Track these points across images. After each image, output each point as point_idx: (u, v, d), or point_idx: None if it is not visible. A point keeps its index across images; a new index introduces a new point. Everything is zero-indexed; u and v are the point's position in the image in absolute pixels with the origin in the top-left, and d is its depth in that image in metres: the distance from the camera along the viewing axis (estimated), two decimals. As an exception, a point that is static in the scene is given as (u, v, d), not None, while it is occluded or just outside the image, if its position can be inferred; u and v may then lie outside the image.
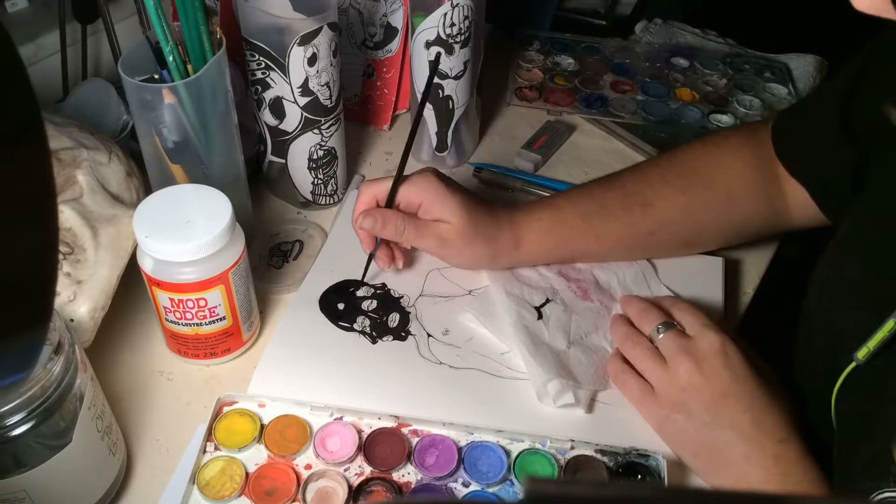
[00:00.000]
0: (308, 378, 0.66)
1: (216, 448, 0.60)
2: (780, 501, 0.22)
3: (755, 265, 0.79)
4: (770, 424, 0.57)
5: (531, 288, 0.72)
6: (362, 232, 0.71)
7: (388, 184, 0.70)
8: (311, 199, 0.82)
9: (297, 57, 0.71)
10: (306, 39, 0.71)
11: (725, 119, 0.95)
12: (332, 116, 0.77)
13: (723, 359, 0.60)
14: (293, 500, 0.58)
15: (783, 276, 0.81)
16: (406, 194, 0.70)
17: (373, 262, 0.73)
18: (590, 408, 0.65)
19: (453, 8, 0.76)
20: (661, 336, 0.63)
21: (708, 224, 0.74)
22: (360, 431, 0.61)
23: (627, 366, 0.65)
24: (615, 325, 0.68)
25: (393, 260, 0.73)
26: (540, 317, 0.70)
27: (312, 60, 0.72)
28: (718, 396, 0.59)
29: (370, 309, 0.72)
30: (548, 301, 0.72)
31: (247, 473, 0.59)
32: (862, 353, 0.54)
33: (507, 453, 0.60)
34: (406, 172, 0.91)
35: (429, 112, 0.84)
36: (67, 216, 0.64)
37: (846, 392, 0.56)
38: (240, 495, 0.58)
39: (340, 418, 0.62)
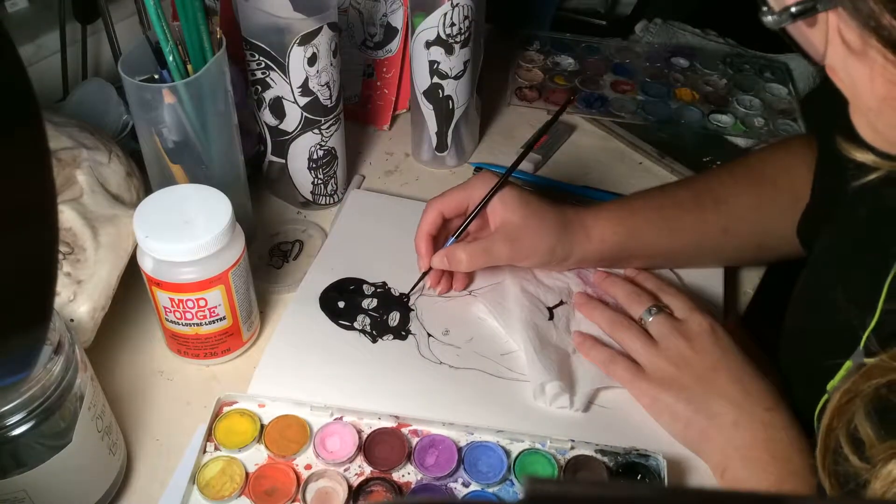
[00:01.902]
0: (308, 378, 0.66)
1: (216, 448, 0.60)
2: (780, 501, 0.22)
3: (755, 265, 0.79)
4: (758, 394, 0.60)
5: (547, 287, 0.72)
6: (422, 250, 0.71)
7: (455, 200, 0.70)
8: (311, 199, 0.82)
9: (297, 57, 0.71)
10: (306, 39, 0.71)
11: (725, 119, 0.95)
12: (332, 116, 0.77)
13: (713, 337, 0.63)
14: (293, 500, 0.58)
15: (783, 276, 0.81)
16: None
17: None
18: (589, 408, 0.65)
19: (453, 8, 0.76)
20: (651, 318, 0.66)
21: (778, 226, 0.72)
22: (359, 431, 0.61)
23: (614, 351, 0.66)
24: (597, 311, 0.69)
25: (440, 282, 0.72)
26: (551, 317, 0.70)
27: (312, 60, 0.72)
28: (709, 369, 0.62)
29: (370, 307, 0.72)
30: (561, 303, 0.72)
31: (247, 473, 0.59)
32: (831, 385, 0.54)
33: (507, 453, 0.60)
34: (409, 172, 0.91)
35: (429, 112, 0.84)
36: (67, 216, 0.64)
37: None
38: (240, 495, 0.58)
39: (340, 418, 0.62)
